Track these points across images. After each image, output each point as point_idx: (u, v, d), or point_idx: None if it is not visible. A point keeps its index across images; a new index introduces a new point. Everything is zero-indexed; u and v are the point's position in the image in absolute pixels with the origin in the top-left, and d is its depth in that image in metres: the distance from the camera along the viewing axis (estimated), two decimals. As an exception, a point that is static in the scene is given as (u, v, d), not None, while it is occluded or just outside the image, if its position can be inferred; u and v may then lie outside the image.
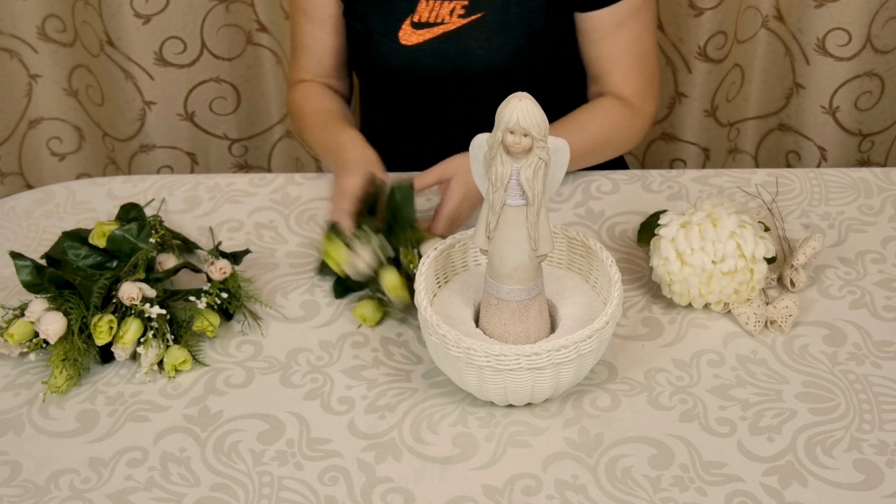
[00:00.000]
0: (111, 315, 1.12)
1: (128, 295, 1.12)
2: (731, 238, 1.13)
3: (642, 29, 1.38)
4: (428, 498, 1.00)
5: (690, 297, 1.16)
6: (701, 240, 1.14)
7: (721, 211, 1.15)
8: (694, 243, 1.14)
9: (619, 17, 1.35)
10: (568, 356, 1.01)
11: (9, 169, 2.12)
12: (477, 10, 1.35)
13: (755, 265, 1.14)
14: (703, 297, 1.16)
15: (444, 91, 1.41)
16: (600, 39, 1.38)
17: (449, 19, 1.35)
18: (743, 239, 1.13)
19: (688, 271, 1.14)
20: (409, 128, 1.51)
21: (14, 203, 1.40)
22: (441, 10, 1.35)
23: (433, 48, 1.37)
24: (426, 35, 1.36)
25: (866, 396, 1.09)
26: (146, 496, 1.01)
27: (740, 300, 1.16)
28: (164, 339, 1.13)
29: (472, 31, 1.36)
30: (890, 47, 1.88)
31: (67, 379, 1.10)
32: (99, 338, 1.10)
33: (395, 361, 1.15)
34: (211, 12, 1.92)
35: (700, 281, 1.14)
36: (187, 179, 1.43)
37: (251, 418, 1.08)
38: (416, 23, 1.36)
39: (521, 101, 0.94)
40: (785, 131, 2.02)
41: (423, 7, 1.36)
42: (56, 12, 1.95)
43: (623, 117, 1.40)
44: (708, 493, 0.99)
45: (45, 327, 1.10)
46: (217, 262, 1.18)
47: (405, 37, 1.37)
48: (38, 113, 2.07)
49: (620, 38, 1.37)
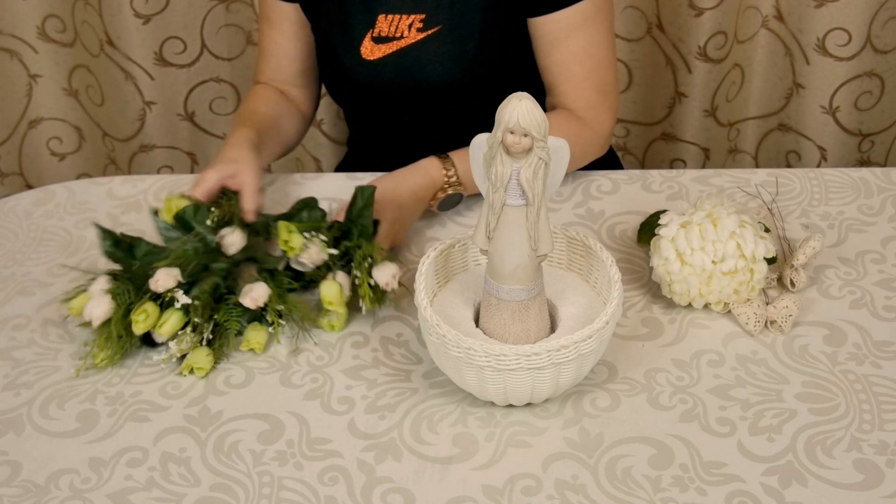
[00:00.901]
0: (153, 303, 1.12)
1: (159, 281, 1.12)
2: (732, 238, 1.13)
3: (597, 38, 1.36)
4: (428, 498, 1.00)
5: (690, 297, 1.16)
6: (701, 240, 1.14)
7: (721, 211, 1.15)
8: (694, 243, 1.14)
9: (570, 23, 1.34)
10: (568, 356, 1.01)
11: (9, 169, 2.12)
12: (434, 24, 1.35)
13: (755, 265, 1.14)
14: (704, 297, 1.16)
15: (405, 103, 1.41)
16: (551, 46, 1.36)
17: (408, 33, 1.35)
18: (743, 239, 1.13)
19: (688, 271, 1.14)
20: (379, 137, 1.52)
21: (14, 203, 1.40)
22: (400, 23, 1.35)
23: (393, 62, 1.37)
24: (386, 49, 1.37)
25: (866, 396, 1.09)
26: (146, 496, 1.01)
27: (740, 300, 1.16)
28: (201, 337, 1.13)
29: (430, 45, 1.35)
30: (890, 47, 1.88)
31: (106, 358, 1.13)
32: (137, 327, 1.11)
33: (395, 361, 1.15)
34: (211, 12, 1.93)
35: (700, 281, 1.14)
36: (187, 179, 1.43)
37: (251, 418, 1.08)
38: (376, 37, 1.37)
39: (521, 101, 0.94)
40: (785, 131, 2.02)
41: (383, 21, 1.36)
42: (56, 12, 1.95)
43: (571, 131, 1.35)
44: (708, 493, 0.99)
45: (89, 310, 1.13)
46: (252, 290, 1.15)
47: (367, 51, 1.37)
48: (38, 113, 2.07)
49: (572, 45, 1.35)
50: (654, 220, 1.24)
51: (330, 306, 1.15)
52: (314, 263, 1.17)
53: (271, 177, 1.42)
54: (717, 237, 1.13)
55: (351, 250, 1.18)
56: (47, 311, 1.22)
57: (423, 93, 1.38)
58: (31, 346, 1.18)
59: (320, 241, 1.17)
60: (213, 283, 1.16)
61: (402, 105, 1.41)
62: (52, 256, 1.31)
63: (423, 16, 1.35)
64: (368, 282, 1.15)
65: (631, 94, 2.01)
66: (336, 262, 1.18)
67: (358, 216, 1.20)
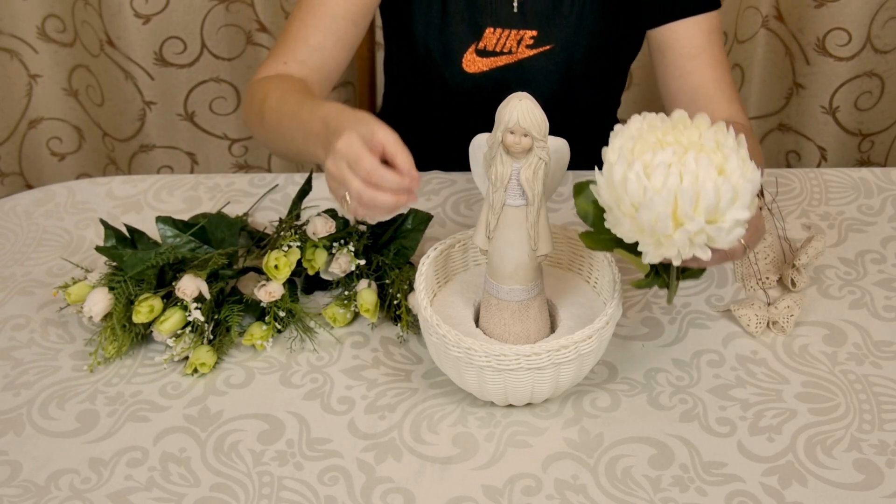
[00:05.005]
0: (159, 298, 1.13)
1: (185, 289, 1.12)
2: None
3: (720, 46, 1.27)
4: (428, 498, 1.00)
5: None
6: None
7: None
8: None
9: (706, 29, 1.25)
10: (568, 356, 1.01)
11: (9, 169, 2.12)
12: (545, 42, 1.31)
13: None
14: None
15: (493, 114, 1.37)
16: (692, 56, 1.26)
17: (517, 49, 1.31)
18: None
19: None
20: (430, 134, 1.45)
21: (14, 203, 1.40)
22: (509, 39, 1.31)
23: (497, 77, 1.33)
24: (491, 64, 1.33)
25: (866, 396, 1.09)
26: (146, 496, 1.01)
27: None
28: (201, 337, 1.13)
29: (539, 62, 1.32)
30: (890, 47, 1.89)
31: (115, 349, 1.14)
32: (137, 317, 1.12)
33: (395, 361, 1.15)
34: (211, 12, 1.92)
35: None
36: (187, 179, 1.43)
37: (251, 418, 1.08)
38: (480, 50, 1.32)
39: (521, 101, 0.94)
40: (785, 131, 2.02)
41: (490, 35, 1.31)
42: (56, 12, 1.95)
43: (752, 137, 1.24)
44: (708, 493, 0.99)
45: (89, 306, 1.13)
46: (267, 285, 1.15)
47: (469, 63, 1.33)
48: (38, 113, 2.07)
49: (711, 54, 1.26)
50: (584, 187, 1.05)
51: (366, 314, 1.16)
52: (344, 272, 1.19)
53: (271, 177, 1.42)
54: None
55: (383, 266, 1.20)
56: (47, 311, 1.22)
57: None
58: (31, 346, 1.18)
59: (349, 251, 1.19)
60: (219, 287, 1.17)
61: (487, 115, 1.24)
62: (52, 256, 1.31)
63: (534, 32, 1.31)
64: (407, 306, 1.17)
65: (631, 94, 2.01)
66: (365, 271, 1.20)
67: (403, 236, 1.21)
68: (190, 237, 1.23)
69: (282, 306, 1.16)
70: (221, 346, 1.15)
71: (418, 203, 1.36)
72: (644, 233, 0.91)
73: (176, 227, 1.24)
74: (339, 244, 1.20)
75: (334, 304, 1.18)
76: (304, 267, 1.19)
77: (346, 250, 1.19)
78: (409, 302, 1.17)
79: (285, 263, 1.15)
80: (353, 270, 1.20)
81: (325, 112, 1.05)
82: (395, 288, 1.17)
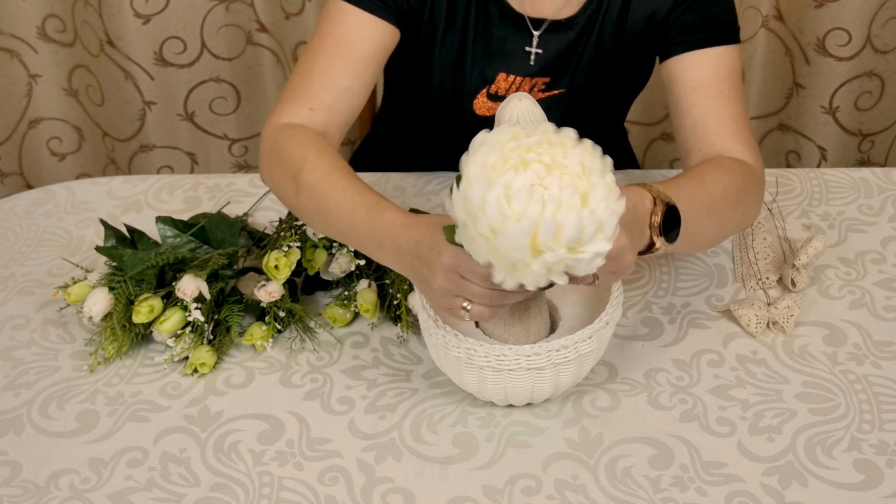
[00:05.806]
0: (159, 298, 1.13)
1: (185, 289, 1.12)
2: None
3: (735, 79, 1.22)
4: (428, 498, 1.00)
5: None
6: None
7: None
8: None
9: (710, 61, 1.21)
10: (568, 356, 1.01)
11: (9, 169, 2.12)
12: (557, 87, 1.31)
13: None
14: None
15: None
16: (694, 89, 1.21)
17: (528, 94, 1.29)
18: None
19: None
20: (427, 152, 1.46)
21: (14, 203, 1.40)
22: (522, 85, 1.30)
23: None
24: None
25: (866, 396, 1.09)
26: (146, 496, 1.01)
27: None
28: (201, 337, 1.13)
29: (549, 106, 1.30)
30: (890, 47, 1.89)
31: (115, 349, 1.14)
32: (137, 317, 1.12)
33: (395, 361, 1.15)
34: (211, 12, 1.93)
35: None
36: (187, 179, 1.43)
37: (251, 418, 1.08)
38: (492, 94, 1.32)
39: (521, 101, 0.95)
40: (785, 131, 2.02)
41: (503, 80, 1.30)
42: (56, 12, 1.95)
43: (746, 175, 1.16)
44: (708, 493, 0.99)
45: (89, 306, 1.14)
46: (267, 285, 1.15)
47: (479, 106, 1.32)
48: (38, 113, 2.07)
49: (717, 88, 1.21)
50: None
51: (366, 314, 1.16)
52: (343, 272, 1.20)
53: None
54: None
55: (383, 266, 1.19)
56: (47, 311, 1.22)
57: None
58: (30, 346, 1.18)
59: (349, 251, 1.19)
60: (219, 287, 1.17)
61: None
62: (52, 256, 1.31)
63: (547, 79, 1.30)
64: (407, 307, 1.17)
65: (631, 94, 2.01)
66: (365, 271, 1.20)
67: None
68: (190, 237, 1.23)
69: (282, 306, 1.16)
70: (221, 346, 1.15)
71: (418, 203, 1.36)
72: (500, 256, 0.86)
73: (176, 227, 1.24)
74: (339, 244, 1.20)
75: (334, 304, 1.18)
76: (304, 267, 1.20)
77: (346, 250, 1.19)
78: (409, 302, 1.16)
79: (285, 263, 1.15)
80: (352, 270, 1.20)
81: (402, 222, 1.02)
82: (394, 288, 1.17)
